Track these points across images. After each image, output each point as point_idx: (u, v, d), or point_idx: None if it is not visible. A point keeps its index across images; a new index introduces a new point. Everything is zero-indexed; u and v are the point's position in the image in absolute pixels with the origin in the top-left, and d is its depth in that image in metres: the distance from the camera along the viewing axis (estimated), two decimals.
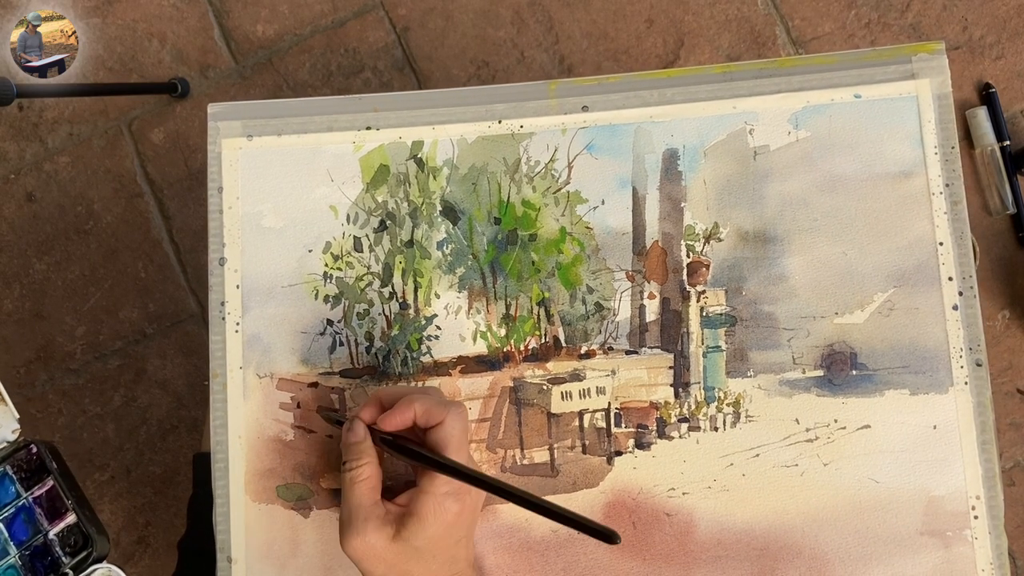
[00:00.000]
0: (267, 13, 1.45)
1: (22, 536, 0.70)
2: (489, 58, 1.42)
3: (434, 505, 0.54)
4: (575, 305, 0.65)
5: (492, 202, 0.66)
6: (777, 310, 0.64)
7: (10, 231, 1.43)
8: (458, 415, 0.56)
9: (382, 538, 0.54)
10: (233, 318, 0.66)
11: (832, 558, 0.62)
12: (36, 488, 0.71)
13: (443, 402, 0.57)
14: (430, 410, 0.56)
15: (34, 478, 0.71)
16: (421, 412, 0.56)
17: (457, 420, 0.55)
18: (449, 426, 0.55)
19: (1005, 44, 1.38)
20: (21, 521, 0.70)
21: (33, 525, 0.70)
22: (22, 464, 0.71)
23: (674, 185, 0.66)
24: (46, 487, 0.70)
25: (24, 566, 0.69)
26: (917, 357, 0.63)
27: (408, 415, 0.56)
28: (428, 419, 0.56)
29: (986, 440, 0.61)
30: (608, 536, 0.48)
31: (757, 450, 0.63)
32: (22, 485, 0.71)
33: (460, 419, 0.56)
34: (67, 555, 0.69)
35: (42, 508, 0.70)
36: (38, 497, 0.70)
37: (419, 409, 0.56)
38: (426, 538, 0.54)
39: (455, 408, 0.56)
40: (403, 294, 0.66)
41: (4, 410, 0.71)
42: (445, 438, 0.55)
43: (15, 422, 0.71)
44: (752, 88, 0.65)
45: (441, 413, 0.55)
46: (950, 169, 0.63)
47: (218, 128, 0.67)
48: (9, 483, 0.71)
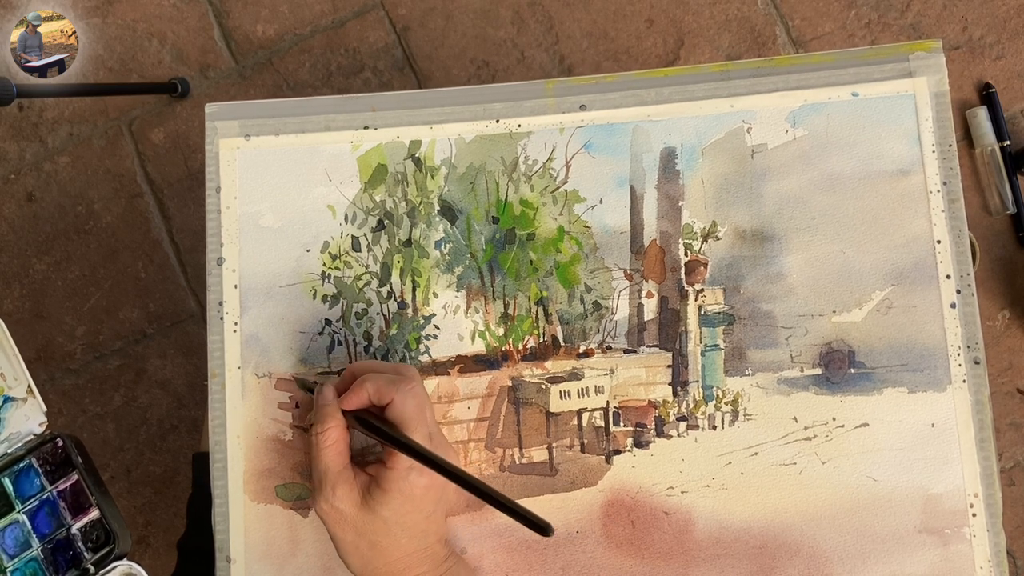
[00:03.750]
0: (267, 13, 1.45)
1: (45, 529, 0.70)
2: (489, 58, 1.42)
3: (398, 479, 0.54)
4: (573, 304, 0.65)
5: (490, 201, 0.66)
6: (775, 308, 0.64)
7: (10, 231, 1.43)
8: (407, 392, 0.56)
9: (350, 504, 0.55)
10: (231, 318, 0.66)
11: (830, 556, 0.62)
12: (61, 482, 0.71)
13: (393, 380, 0.56)
14: (380, 389, 0.56)
15: (59, 471, 0.71)
16: (373, 392, 0.56)
17: (407, 397, 0.56)
18: (399, 404, 0.55)
19: (1005, 44, 1.38)
20: (45, 514, 0.70)
21: (56, 519, 0.70)
22: (47, 457, 0.71)
23: (672, 184, 0.66)
24: (71, 481, 0.70)
25: (46, 559, 0.69)
26: (915, 355, 0.63)
27: (363, 395, 0.56)
28: (380, 398, 0.56)
29: (984, 438, 0.61)
30: (543, 528, 0.49)
31: (755, 448, 0.63)
32: (47, 478, 0.71)
33: (410, 396, 0.56)
34: (89, 550, 0.69)
35: (66, 502, 0.70)
36: (62, 491, 0.70)
37: (371, 389, 0.56)
38: (391, 510, 0.55)
39: (403, 386, 0.56)
40: (401, 293, 0.66)
41: (32, 403, 0.71)
42: (397, 416, 0.55)
43: (43, 415, 0.71)
44: (750, 87, 0.65)
45: (390, 392, 0.56)
46: (948, 167, 0.63)
47: (215, 128, 0.67)
48: (34, 475, 0.71)
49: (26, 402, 0.71)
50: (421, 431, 0.55)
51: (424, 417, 0.56)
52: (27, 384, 0.71)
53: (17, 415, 0.71)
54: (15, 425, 0.71)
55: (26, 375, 0.71)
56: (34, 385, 0.71)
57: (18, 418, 0.71)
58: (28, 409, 0.71)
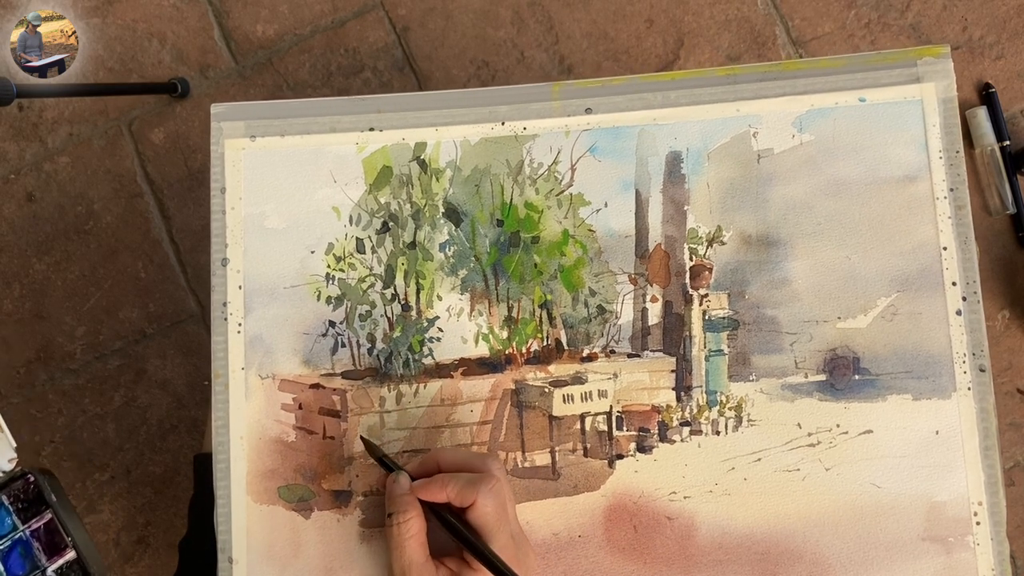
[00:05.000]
0: (267, 13, 1.45)
1: (18, 571, 0.67)
2: (489, 58, 1.42)
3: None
4: (577, 308, 0.65)
5: (495, 204, 0.66)
6: (780, 314, 0.64)
7: (10, 231, 1.43)
8: (488, 494, 0.54)
9: None
10: (235, 319, 0.66)
11: (833, 563, 0.62)
12: (34, 520, 0.67)
13: (474, 482, 0.55)
14: (462, 492, 0.54)
15: (31, 509, 0.68)
16: (454, 495, 0.55)
17: (489, 499, 0.54)
18: (480, 507, 0.54)
19: (1005, 44, 1.38)
20: (18, 555, 0.67)
21: (31, 560, 0.67)
22: (19, 495, 0.68)
23: (677, 188, 0.65)
24: (44, 519, 0.67)
25: None
26: (920, 362, 0.62)
27: (441, 495, 0.55)
28: (461, 501, 0.55)
29: (988, 446, 0.61)
30: None
31: (759, 454, 0.63)
32: (19, 517, 0.68)
33: (492, 497, 0.54)
34: None
35: (40, 542, 0.67)
36: (36, 530, 0.67)
37: (452, 492, 0.55)
38: None
39: (484, 486, 0.54)
40: (405, 296, 0.66)
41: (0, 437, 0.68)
42: (479, 520, 0.54)
43: (11, 451, 0.68)
44: (756, 91, 0.65)
45: (471, 495, 0.54)
46: (955, 173, 0.63)
47: (221, 128, 0.67)
48: (5, 514, 0.68)
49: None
50: (503, 535, 0.54)
51: (506, 517, 0.55)
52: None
53: None
54: None
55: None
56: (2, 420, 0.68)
57: None
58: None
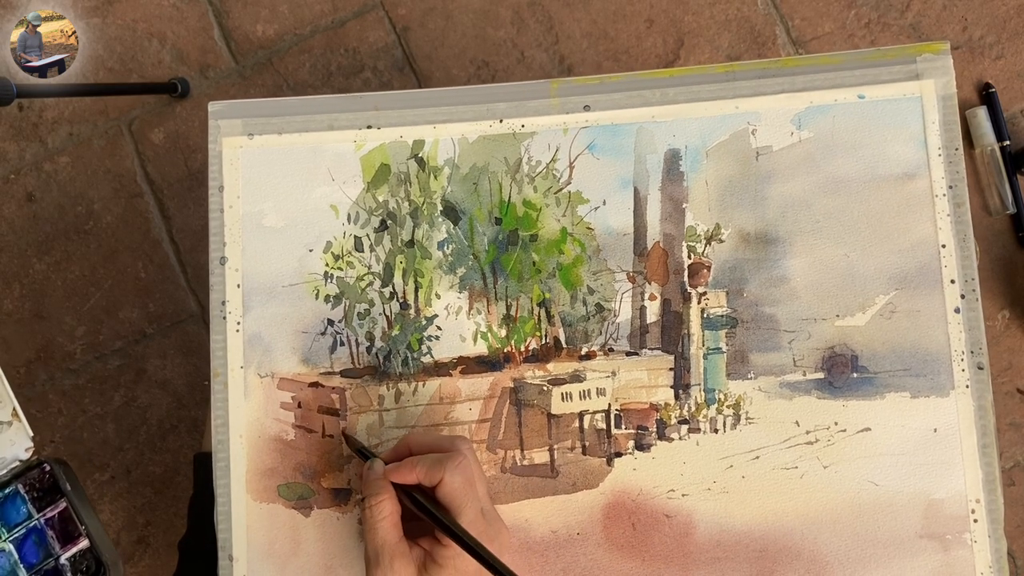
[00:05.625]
0: (267, 13, 1.45)
1: (32, 559, 0.67)
2: (489, 58, 1.42)
3: (452, 556, 0.54)
4: (576, 306, 0.65)
5: (493, 202, 0.66)
6: (778, 312, 0.64)
7: (10, 231, 1.43)
8: (455, 470, 0.55)
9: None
10: (234, 317, 0.66)
11: (831, 560, 0.62)
12: (48, 509, 0.68)
13: (441, 460, 0.56)
14: (430, 471, 0.55)
15: (46, 498, 0.69)
16: (423, 474, 0.56)
17: (456, 475, 0.55)
18: (448, 484, 0.55)
19: (1005, 44, 1.38)
20: (32, 543, 0.68)
21: (44, 548, 0.67)
22: (34, 483, 0.69)
23: (676, 186, 0.65)
24: (59, 508, 0.68)
25: None
26: (918, 360, 0.62)
27: (412, 475, 0.56)
28: (430, 479, 0.55)
29: (987, 444, 0.61)
30: None
31: (757, 452, 0.63)
32: (34, 505, 0.68)
33: (459, 473, 0.55)
34: None
35: (54, 531, 0.68)
36: (50, 519, 0.68)
37: (420, 472, 0.56)
38: None
39: (451, 463, 0.55)
40: (404, 294, 0.66)
41: (18, 427, 0.69)
42: (446, 497, 0.55)
43: (29, 440, 0.69)
44: (755, 88, 0.65)
45: (439, 473, 0.55)
46: (954, 171, 0.63)
47: (219, 126, 0.67)
48: (20, 503, 0.69)
49: (11, 426, 0.69)
50: (471, 510, 0.55)
51: (474, 494, 0.55)
52: (12, 407, 0.69)
53: (2, 440, 0.69)
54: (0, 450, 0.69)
55: (11, 397, 0.69)
56: (19, 408, 0.69)
57: (3, 443, 0.69)
58: (13, 433, 0.69)
